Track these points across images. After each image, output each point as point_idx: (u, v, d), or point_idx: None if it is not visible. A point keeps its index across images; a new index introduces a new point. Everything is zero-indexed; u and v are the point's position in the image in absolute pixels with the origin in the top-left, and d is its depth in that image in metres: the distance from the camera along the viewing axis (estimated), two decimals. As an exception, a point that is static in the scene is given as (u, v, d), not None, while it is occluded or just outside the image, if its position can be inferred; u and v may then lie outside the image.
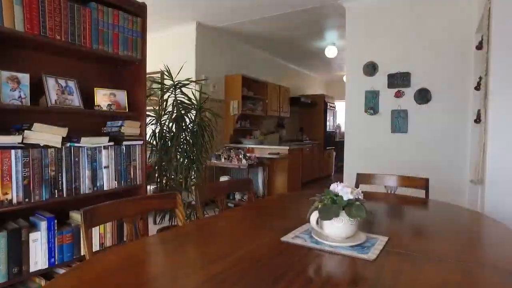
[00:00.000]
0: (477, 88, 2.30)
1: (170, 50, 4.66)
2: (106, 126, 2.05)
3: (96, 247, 1.84)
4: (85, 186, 1.78)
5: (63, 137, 1.68)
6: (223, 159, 4.61)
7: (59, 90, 1.76)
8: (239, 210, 1.54)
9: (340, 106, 9.33)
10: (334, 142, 8.56)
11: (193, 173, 2.66)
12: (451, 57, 3.22)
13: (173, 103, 2.53)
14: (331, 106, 8.33)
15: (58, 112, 1.83)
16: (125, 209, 1.33)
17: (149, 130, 2.43)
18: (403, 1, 3.45)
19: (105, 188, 1.88)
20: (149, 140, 2.40)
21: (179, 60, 4.21)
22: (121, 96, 2.05)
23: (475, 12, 3.11)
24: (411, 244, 1.09)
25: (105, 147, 1.86)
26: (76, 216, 1.82)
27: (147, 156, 2.16)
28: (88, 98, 1.91)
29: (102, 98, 1.98)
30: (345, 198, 1.07)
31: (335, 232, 1.07)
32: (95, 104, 1.95)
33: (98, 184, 1.84)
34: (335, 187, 1.15)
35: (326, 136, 8.00)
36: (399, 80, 3.48)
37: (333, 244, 1.05)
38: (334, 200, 1.08)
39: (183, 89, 2.62)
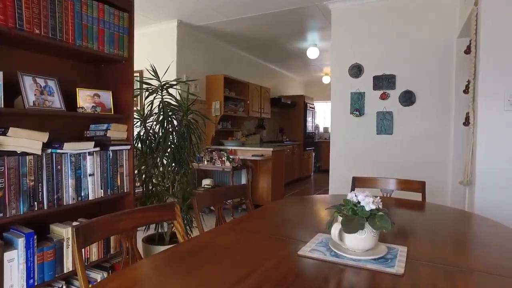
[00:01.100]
0: (466, 91, 2.35)
1: (150, 48, 4.46)
2: (89, 130, 1.88)
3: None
4: (69, 196, 1.62)
5: (43, 143, 1.51)
6: (205, 162, 4.48)
7: (38, 90, 1.58)
8: (243, 221, 1.45)
9: (319, 107, 9.44)
10: (314, 143, 8.63)
11: (180, 177, 2.53)
12: (434, 61, 3.30)
13: (159, 105, 2.38)
14: (310, 107, 8.39)
15: (37, 115, 1.66)
16: (121, 224, 1.20)
17: (133, 133, 2.27)
18: (387, 5, 3.49)
19: (90, 198, 1.72)
20: (134, 143, 2.25)
21: (159, 59, 4.05)
22: (106, 97, 1.90)
23: (456, 19, 3.19)
24: (434, 254, 1.05)
25: (90, 153, 1.70)
26: (58, 230, 1.65)
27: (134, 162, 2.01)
28: (69, 99, 1.75)
29: (86, 99, 1.81)
30: (367, 209, 1.01)
31: (357, 244, 1.01)
32: (78, 105, 1.78)
33: (82, 194, 1.68)
34: (353, 196, 1.10)
35: (305, 137, 8.05)
36: (384, 82, 3.51)
37: (355, 257, 0.99)
38: (355, 210, 1.02)
39: (169, 89, 2.49)
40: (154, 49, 4.46)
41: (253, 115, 6.12)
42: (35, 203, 1.48)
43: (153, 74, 2.34)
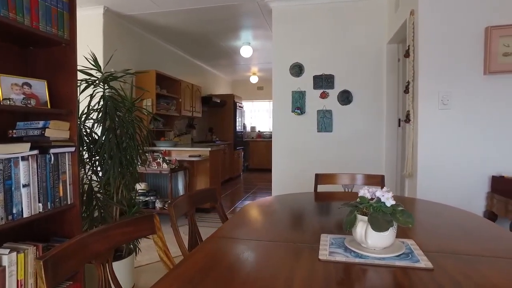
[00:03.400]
0: (406, 91, 2.59)
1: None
2: (17, 129, 1.48)
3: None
4: (-4, 216, 1.23)
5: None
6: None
7: None
8: (233, 229, 1.30)
9: (246, 107, 9.52)
10: (243, 142, 8.66)
11: (126, 182, 2.21)
12: (367, 63, 3.58)
13: (101, 100, 2.03)
14: (239, 106, 8.40)
15: None
16: (94, 246, 0.95)
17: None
18: (324, 8, 3.66)
19: (24, 215, 1.34)
20: (79, 144, 1.86)
21: (82, 51, 3.49)
22: (40, 88, 1.52)
23: (385, 26, 3.52)
24: (441, 245, 1.08)
25: (24, 158, 1.33)
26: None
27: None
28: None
29: (11, 89, 1.42)
30: (387, 204, 0.98)
31: (381, 242, 0.97)
32: (0, 97, 1.38)
33: (14, 211, 1.30)
34: (365, 192, 1.07)
35: (235, 137, 8.02)
36: (324, 82, 3.68)
37: (378, 256, 0.96)
38: (375, 207, 0.99)
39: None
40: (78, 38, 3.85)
41: (185, 114, 5.81)
42: (-51, 228, 1.09)
43: (93, 64, 1.98)
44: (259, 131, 9.60)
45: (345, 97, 3.62)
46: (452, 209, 1.57)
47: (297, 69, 3.75)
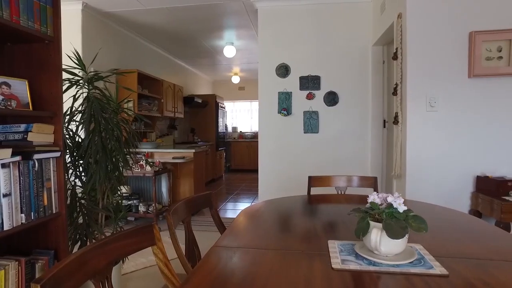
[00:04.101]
0: (394, 93, 2.62)
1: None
2: (-6, 132, 1.36)
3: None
4: (-26, 229, 1.12)
5: None
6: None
7: None
8: (235, 238, 1.25)
9: (229, 107, 9.43)
10: (225, 143, 8.57)
11: (112, 186, 2.10)
12: (353, 65, 3.62)
13: (83, 101, 1.91)
14: (221, 107, 8.30)
15: None
16: (92, 263, 0.87)
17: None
18: (310, 9, 3.66)
19: (5, 228, 1.23)
20: (65, 149, 1.74)
21: (64, 46, 3.31)
22: (21, 88, 1.40)
23: (369, 29, 3.57)
24: (449, 249, 1.08)
25: (4, 165, 1.22)
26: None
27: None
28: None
29: (-11, 89, 1.30)
30: (400, 210, 0.97)
31: (394, 249, 0.96)
32: (-23, 98, 1.26)
33: (-6, 223, 1.19)
34: (375, 197, 1.05)
35: (217, 137, 7.92)
36: (310, 83, 3.68)
37: (392, 263, 0.94)
38: (388, 213, 0.97)
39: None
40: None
41: (167, 114, 5.67)
42: None
43: (76, 62, 1.86)
44: (240, 131, 9.54)
45: (331, 98, 3.63)
46: (449, 211, 1.59)
47: (283, 70, 3.73)
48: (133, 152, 2.30)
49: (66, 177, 1.89)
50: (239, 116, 9.72)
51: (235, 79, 8.44)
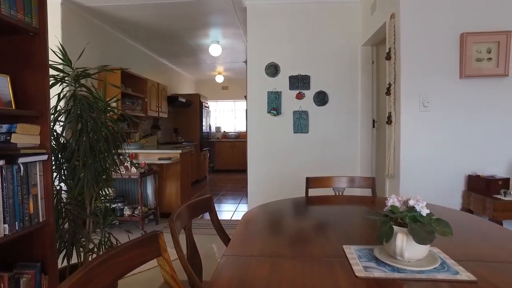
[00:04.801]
0: (388, 93, 2.62)
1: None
2: (-28, 134, 1.22)
3: None
4: (-48, 243, 0.99)
5: None
6: (103, 170, 3.73)
7: None
8: (245, 245, 1.18)
9: (212, 107, 9.29)
10: (208, 143, 8.44)
11: (100, 190, 1.98)
12: (342, 65, 3.61)
13: (69, 100, 1.78)
14: (205, 106, 8.17)
15: None
16: (97, 280, 0.78)
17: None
18: (299, 8, 3.62)
19: (-13, 239, 1.10)
20: (51, 152, 1.60)
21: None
22: (1, 84, 1.27)
23: (360, 28, 3.57)
24: (467, 252, 1.05)
25: (-14, 170, 1.09)
26: None
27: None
28: None
29: (-34, 86, 1.16)
30: (423, 214, 0.93)
31: (419, 254, 0.92)
32: (-48, 95, 1.12)
33: (-25, 235, 1.06)
34: (395, 201, 1.00)
35: (201, 137, 7.78)
36: (300, 83, 3.65)
37: (417, 269, 0.90)
38: (412, 217, 0.93)
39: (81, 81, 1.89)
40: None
41: (151, 114, 5.50)
42: None
43: (62, 58, 1.73)
44: (224, 131, 9.42)
45: (321, 98, 3.62)
46: (450, 211, 1.58)
47: (272, 69, 3.68)
48: (122, 153, 2.18)
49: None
50: (223, 116, 9.60)
51: (219, 78, 8.32)
